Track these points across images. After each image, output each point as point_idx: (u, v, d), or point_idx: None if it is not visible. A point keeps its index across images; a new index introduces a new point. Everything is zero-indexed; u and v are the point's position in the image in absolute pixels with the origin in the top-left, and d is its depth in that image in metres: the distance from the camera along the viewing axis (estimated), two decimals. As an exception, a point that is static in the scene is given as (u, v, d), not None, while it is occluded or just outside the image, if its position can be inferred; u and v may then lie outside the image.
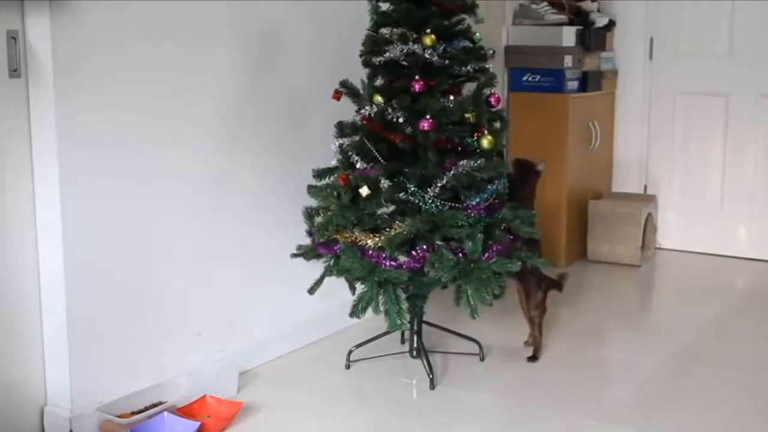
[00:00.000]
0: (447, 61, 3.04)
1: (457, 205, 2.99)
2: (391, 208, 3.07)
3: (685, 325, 4.00)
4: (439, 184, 2.97)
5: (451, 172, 2.97)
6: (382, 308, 3.00)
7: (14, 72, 2.60)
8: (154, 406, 2.90)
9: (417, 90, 2.96)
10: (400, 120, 3.01)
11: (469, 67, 3.11)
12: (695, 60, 5.13)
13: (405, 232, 2.94)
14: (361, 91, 3.12)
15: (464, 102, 3.05)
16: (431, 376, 3.24)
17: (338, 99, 3.12)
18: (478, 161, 2.99)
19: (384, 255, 2.95)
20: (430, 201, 2.97)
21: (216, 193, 3.20)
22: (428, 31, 2.98)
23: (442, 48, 3.02)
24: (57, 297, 2.71)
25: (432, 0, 3.02)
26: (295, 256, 3.24)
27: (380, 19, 3.11)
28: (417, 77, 2.96)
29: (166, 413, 2.81)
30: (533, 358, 3.51)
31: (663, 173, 5.30)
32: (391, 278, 2.94)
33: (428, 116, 2.93)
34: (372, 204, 3.00)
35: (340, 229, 3.04)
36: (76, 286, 2.72)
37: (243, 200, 3.32)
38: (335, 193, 3.07)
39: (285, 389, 3.23)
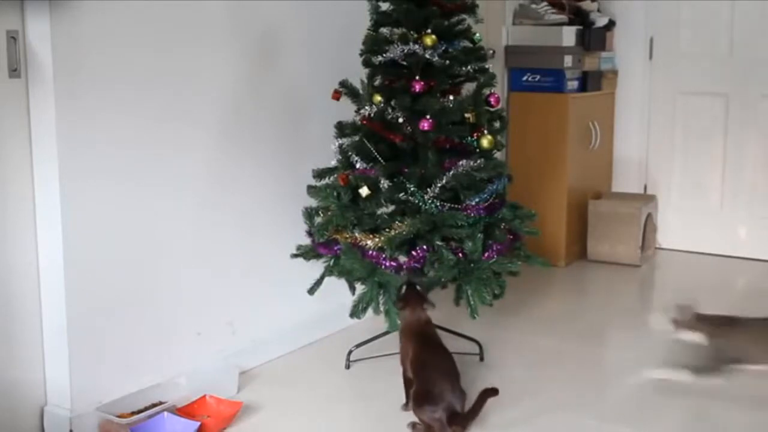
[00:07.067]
0: (447, 62, 3.04)
1: (456, 205, 2.99)
2: (391, 208, 3.07)
3: (685, 325, 3.99)
4: (439, 184, 2.97)
5: (451, 172, 2.97)
6: (382, 308, 3.01)
7: (14, 72, 2.60)
8: (154, 406, 2.90)
9: (417, 90, 2.96)
10: (400, 120, 3.00)
11: (469, 68, 3.12)
12: (695, 60, 5.12)
13: (405, 232, 2.94)
14: (361, 91, 3.12)
15: (464, 102, 3.05)
16: (431, 376, 3.23)
17: (338, 99, 3.12)
18: (478, 161, 2.99)
19: (384, 255, 2.95)
20: (429, 201, 2.97)
21: (215, 193, 3.20)
22: (429, 31, 2.98)
23: (442, 48, 3.02)
24: (57, 297, 2.71)
25: (432, 0, 3.02)
26: (295, 256, 3.24)
27: (380, 19, 3.12)
28: (417, 77, 2.96)
29: (166, 413, 2.81)
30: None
31: (663, 173, 5.29)
32: (390, 282, 2.95)
33: (428, 116, 2.92)
34: (372, 204, 3.00)
35: (340, 229, 3.04)
36: (76, 285, 2.72)
37: (243, 200, 3.32)
38: (335, 193, 3.07)
39: (285, 389, 3.23)
